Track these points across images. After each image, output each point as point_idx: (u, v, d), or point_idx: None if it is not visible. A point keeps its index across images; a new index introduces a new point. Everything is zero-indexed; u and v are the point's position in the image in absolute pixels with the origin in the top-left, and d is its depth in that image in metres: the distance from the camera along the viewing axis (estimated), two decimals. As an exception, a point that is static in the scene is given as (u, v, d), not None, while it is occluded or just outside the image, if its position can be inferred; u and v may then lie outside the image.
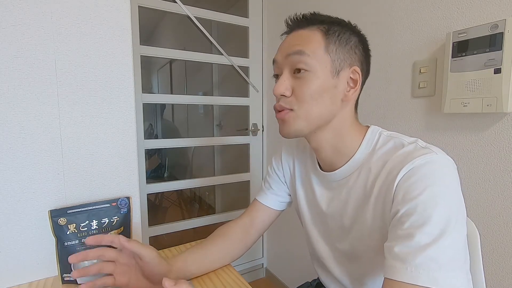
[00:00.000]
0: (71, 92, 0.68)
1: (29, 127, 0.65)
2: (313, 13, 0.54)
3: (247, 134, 1.79)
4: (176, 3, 1.44)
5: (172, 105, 1.92)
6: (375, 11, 1.07)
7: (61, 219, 0.64)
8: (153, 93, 1.60)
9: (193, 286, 0.46)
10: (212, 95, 1.87)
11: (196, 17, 1.51)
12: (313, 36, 0.51)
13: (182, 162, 1.97)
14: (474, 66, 0.76)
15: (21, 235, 0.65)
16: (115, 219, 0.69)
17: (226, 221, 0.73)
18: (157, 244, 1.55)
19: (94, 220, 0.67)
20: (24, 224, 0.65)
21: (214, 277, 0.65)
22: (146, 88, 1.49)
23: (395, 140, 0.52)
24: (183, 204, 2.07)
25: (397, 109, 1.02)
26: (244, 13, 1.69)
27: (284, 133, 0.55)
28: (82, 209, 0.66)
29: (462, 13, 0.82)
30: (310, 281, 0.80)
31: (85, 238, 0.65)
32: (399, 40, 0.99)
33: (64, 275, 0.63)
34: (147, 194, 1.51)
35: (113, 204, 0.69)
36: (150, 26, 1.52)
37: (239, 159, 1.86)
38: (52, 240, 0.64)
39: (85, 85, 0.70)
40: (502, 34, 0.70)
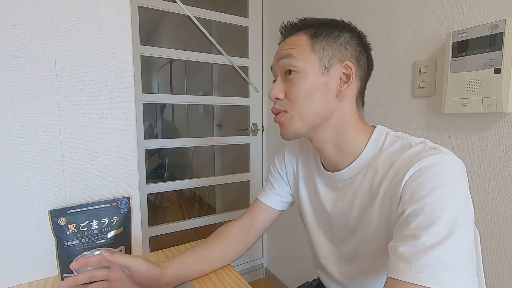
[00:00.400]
0: (71, 92, 0.68)
1: (29, 127, 0.65)
2: (302, 19, 0.56)
3: (247, 134, 1.79)
4: (176, 3, 1.44)
5: (172, 105, 1.92)
6: (375, 11, 1.07)
7: (61, 219, 0.64)
8: (153, 93, 1.60)
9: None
10: (212, 95, 1.87)
11: (196, 17, 1.51)
12: (300, 40, 0.54)
13: (182, 162, 1.97)
14: (474, 66, 0.76)
15: (21, 235, 0.65)
16: (115, 219, 0.69)
17: (226, 221, 0.73)
18: (157, 244, 1.55)
19: (94, 220, 0.67)
20: (24, 224, 0.65)
21: (214, 277, 0.65)
22: (146, 88, 1.49)
23: (403, 141, 0.51)
24: (183, 204, 2.07)
25: (397, 109, 1.02)
26: (244, 13, 1.69)
27: (283, 135, 0.57)
28: (82, 209, 0.66)
29: (462, 13, 0.82)
30: (311, 281, 0.80)
31: (85, 239, 0.66)
32: (399, 40, 0.99)
33: (64, 275, 0.63)
34: (147, 194, 1.50)
35: (113, 204, 0.70)
36: (150, 26, 1.52)
37: (239, 159, 1.86)
38: (52, 240, 0.64)
39: (85, 85, 0.70)
40: (502, 34, 0.70)
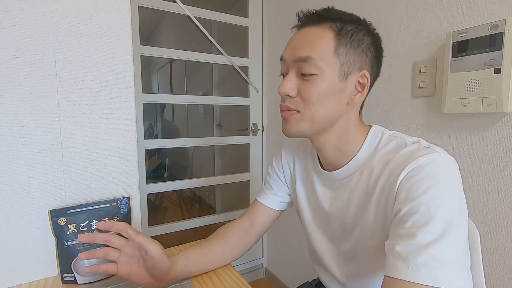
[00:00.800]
0: (71, 92, 0.68)
1: (29, 127, 0.65)
2: (327, 9, 0.51)
3: (247, 134, 1.79)
4: (176, 3, 1.44)
5: (172, 105, 1.92)
6: (375, 11, 1.07)
7: (61, 219, 0.64)
8: (153, 93, 1.60)
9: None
10: (212, 95, 1.87)
11: (196, 17, 1.51)
12: (324, 37, 0.49)
13: (182, 162, 1.97)
14: (474, 66, 0.76)
15: (21, 235, 0.65)
16: (115, 219, 0.69)
17: (226, 221, 0.73)
18: (157, 244, 1.55)
19: (94, 220, 0.67)
20: (24, 224, 0.65)
21: (214, 277, 0.65)
22: (146, 88, 1.49)
23: (398, 140, 0.52)
24: (183, 204, 2.07)
25: (397, 109, 1.02)
26: (244, 13, 1.69)
27: (288, 133, 0.54)
28: (82, 209, 0.66)
29: (462, 13, 0.82)
30: (310, 281, 0.80)
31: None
32: (399, 40, 0.99)
33: (64, 275, 0.63)
34: (147, 194, 1.50)
35: (113, 204, 0.70)
36: (150, 26, 1.53)
37: (239, 159, 1.86)
38: (52, 240, 0.64)
39: (85, 85, 0.70)
40: (502, 34, 0.70)
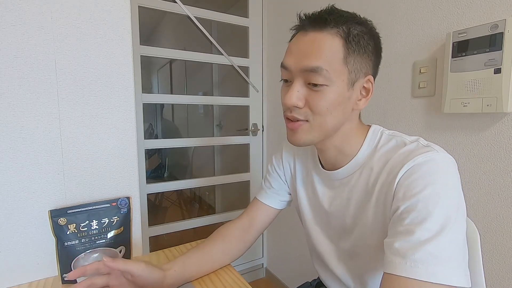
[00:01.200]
0: (71, 92, 0.68)
1: (29, 127, 0.65)
2: (331, 11, 0.48)
3: (247, 134, 1.79)
4: (176, 3, 1.44)
5: (172, 105, 1.92)
6: (375, 11, 1.07)
7: (61, 219, 0.64)
8: (153, 93, 1.60)
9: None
10: (212, 95, 1.87)
11: (196, 17, 1.51)
12: (333, 45, 0.47)
13: (182, 162, 1.97)
14: (474, 66, 0.76)
15: (21, 235, 0.65)
16: (115, 219, 0.69)
17: (226, 221, 0.73)
18: (157, 244, 1.55)
19: (94, 220, 0.67)
20: (24, 224, 0.65)
21: (214, 277, 0.65)
22: (146, 88, 1.49)
23: (397, 139, 0.52)
24: (183, 204, 2.07)
25: (397, 109, 1.02)
26: (244, 13, 1.69)
27: (296, 143, 0.53)
28: (82, 209, 0.66)
29: (462, 13, 0.82)
30: (310, 281, 0.80)
31: (85, 239, 0.66)
32: (399, 40, 0.99)
33: (64, 275, 0.64)
34: (147, 194, 1.50)
35: (113, 204, 0.70)
36: (150, 26, 1.53)
37: (239, 159, 1.86)
38: (52, 240, 0.64)
39: (85, 85, 0.70)
40: (502, 34, 0.70)
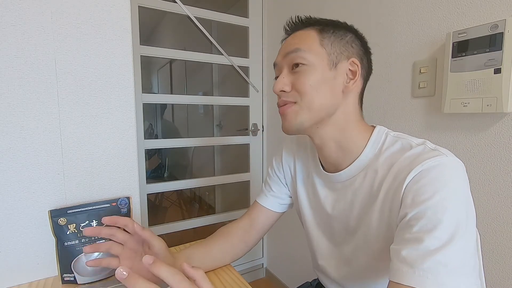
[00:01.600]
0: (71, 92, 0.68)
1: (29, 127, 0.65)
2: (308, 17, 0.57)
3: (247, 134, 1.79)
4: (176, 3, 1.44)
5: (172, 105, 1.92)
6: (376, 11, 1.07)
7: (61, 219, 0.64)
8: (153, 93, 1.60)
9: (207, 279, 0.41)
10: (212, 95, 1.87)
11: (196, 17, 1.51)
12: (308, 34, 0.54)
13: (182, 162, 1.97)
14: (474, 66, 0.76)
15: (21, 235, 0.65)
16: (115, 219, 0.69)
17: (226, 221, 0.73)
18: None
19: (94, 220, 0.67)
20: (24, 224, 0.65)
21: (214, 277, 0.65)
22: (146, 88, 1.49)
23: (403, 141, 0.50)
24: (183, 204, 2.07)
25: (397, 109, 1.02)
26: (244, 13, 1.69)
27: (287, 128, 0.55)
28: (82, 209, 0.66)
29: (462, 13, 0.82)
30: (310, 281, 0.80)
31: (85, 239, 0.66)
32: (399, 40, 0.99)
33: (64, 275, 0.63)
34: (147, 194, 1.50)
35: (113, 204, 0.69)
36: (150, 26, 1.53)
37: (239, 159, 1.86)
38: (52, 240, 0.64)
39: (85, 85, 0.70)
40: (502, 34, 0.70)
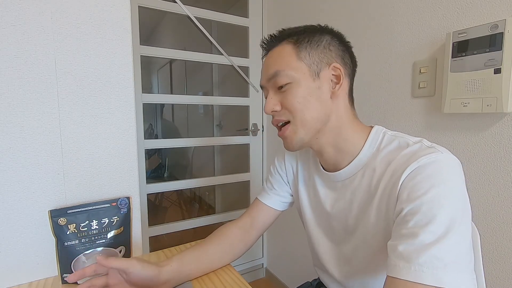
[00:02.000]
0: (71, 92, 0.68)
1: (29, 127, 0.65)
2: (281, 30, 0.58)
3: (247, 134, 1.79)
4: (176, 3, 1.44)
5: (172, 105, 1.92)
6: (376, 12, 1.07)
7: (61, 219, 0.64)
8: (153, 93, 1.60)
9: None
10: (212, 95, 1.87)
11: (196, 17, 1.51)
12: (284, 50, 0.55)
13: (182, 162, 1.97)
14: (474, 66, 0.76)
15: (21, 235, 0.65)
16: (115, 219, 0.69)
17: (226, 221, 0.73)
18: (157, 244, 1.55)
19: (94, 220, 0.67)
20: (24, 224, 0.65)
21: (214, 277, 0.65)
22: (146, 88, 1.49)
23: (400, 140, 0.52)
24: (183, 204, 2.07)
25: (397, 109, 1.02)
26: (244, 13, 1.69)
27: (289, 148, 0.57)
28: (82, 209, 0.66)
29: (462, 13, 0.82)
30: (311, 281, 0.80)
31: (85, 239, 0.66)
32: (399, 40, 0.99)
33: (64, 275, 0.64)
34: (147, 194, 1.50)
35: (113, 204, 0.70)
36: (150, 26, 1.52)
37: (239, 159, 1.86)
38: (52, 240, 0.64)
39: (85, 85, 0.70)
40: (502, 34, 0.70)
